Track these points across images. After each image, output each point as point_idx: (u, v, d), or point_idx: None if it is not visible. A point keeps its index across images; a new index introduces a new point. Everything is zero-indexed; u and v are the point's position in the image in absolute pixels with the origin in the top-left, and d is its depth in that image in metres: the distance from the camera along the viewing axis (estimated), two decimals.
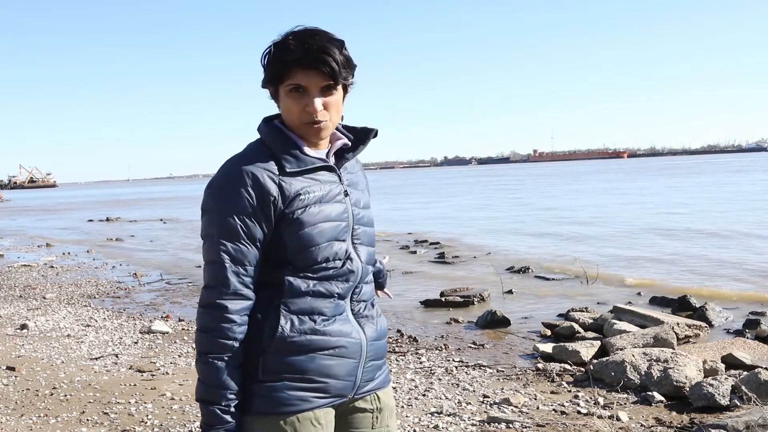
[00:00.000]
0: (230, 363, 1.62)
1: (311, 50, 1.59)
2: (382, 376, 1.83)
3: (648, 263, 11.55)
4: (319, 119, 1.64)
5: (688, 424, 4.22)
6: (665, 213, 20.60)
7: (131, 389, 5.18)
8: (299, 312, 1.65)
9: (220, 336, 1.61)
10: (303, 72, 1.61)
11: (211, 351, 1.62)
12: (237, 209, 1.59)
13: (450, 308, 8.41)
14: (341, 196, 1.72)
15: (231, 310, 1.61)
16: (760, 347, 6.01)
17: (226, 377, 1.62)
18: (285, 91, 1.64)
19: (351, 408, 1.79)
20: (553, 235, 16.17)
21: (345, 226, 1.71)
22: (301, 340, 1.64)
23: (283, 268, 1.66)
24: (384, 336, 1.83)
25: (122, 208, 42.46)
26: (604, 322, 6.91)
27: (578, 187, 42.63)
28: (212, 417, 1.62)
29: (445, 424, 4.32)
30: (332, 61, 1.60)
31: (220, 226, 1.61)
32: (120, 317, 8.28)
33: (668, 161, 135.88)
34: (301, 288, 1.65)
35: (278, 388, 1.64)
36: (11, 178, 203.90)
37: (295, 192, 1.63)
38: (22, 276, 12.30)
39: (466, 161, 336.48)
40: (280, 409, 1.64)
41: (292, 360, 1.64)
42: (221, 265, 1.61)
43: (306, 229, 1.63)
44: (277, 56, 1.62)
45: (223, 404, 1.61)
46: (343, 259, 1.69)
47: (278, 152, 1.65)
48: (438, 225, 20.06)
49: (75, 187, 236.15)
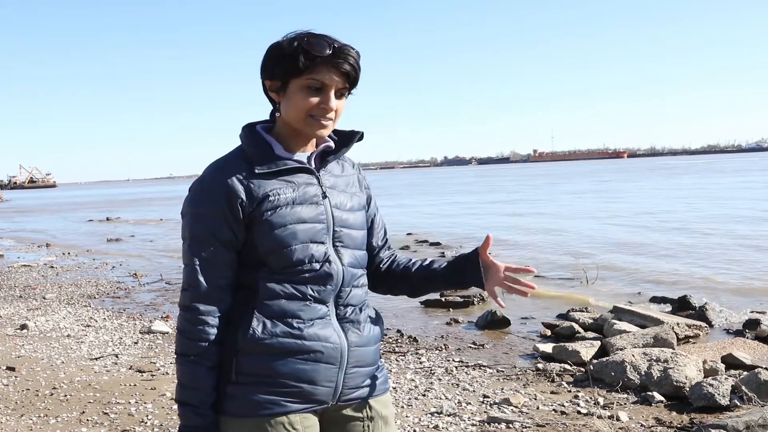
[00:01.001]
0: (204, 364, 1.64)
1: (341, 51, 1.62)
2: (373, 383, 1.77)
3: (647, 263, 11.56)
4: (329, 117, 1.65)
5: (688, 424, 4.22)
6: (665, 213, 20.60)
7: (131, 389, 5.18)
8: (272, 314, 1.64)
9: (192, 337, 1.64)
10: (328, 70, 1.62)
11: (185, 352, 1.64)
12: (207, 213, 1.63)
13: (450, 308, 8.41)
14: (318, 197, 1.69)
15: (202, 311, 1.64)
16: (760, 347, 6.01)
17: (199, 378, 1.64)
18: (300, 85, 1.63)
19: (339, 415, 1.74)
20: (553, 234, 16.17)
21: (322, 228, 1.67)
22: (272, 342, 1.62)
23: (258, 271, 1.66)
24: (374, 342, 1.77)
25: (122, 208, 42.44)
26: (604, 322, 6.91)
27: (578, 186, 42.61)
28: (186, 417, 1.64)
29: (445, 424, 4.32)
30: (356, 66, 1.64)
31: (191, 230, 1.66)
32: (120, 317, 8.28)
33: (668, 161, 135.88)
34: (275, 290, 1.64)
35: (250, 390, 1.63)
36: (11, 179, 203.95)
37: (263, 194, 1.63)
38: (22, 276, 12.30)
39: (466, 161, 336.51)
40: (251, 412, 1.63)
41: (264, 363, 1.63)
42: (193, 268, 1.65)
43: (276, 231, 1.62)
44: (307, 49, 1.60)
45: (196, 405, 1.63)
46: (321, 261, 1.66)
47: (251, 155, 1.67)
48: (438, 225, 20.06)
49: (75, 187, 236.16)
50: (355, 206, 1.78)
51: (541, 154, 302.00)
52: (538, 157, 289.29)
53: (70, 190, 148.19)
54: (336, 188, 1.74)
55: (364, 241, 1.79)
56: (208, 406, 1.64)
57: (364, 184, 1.87)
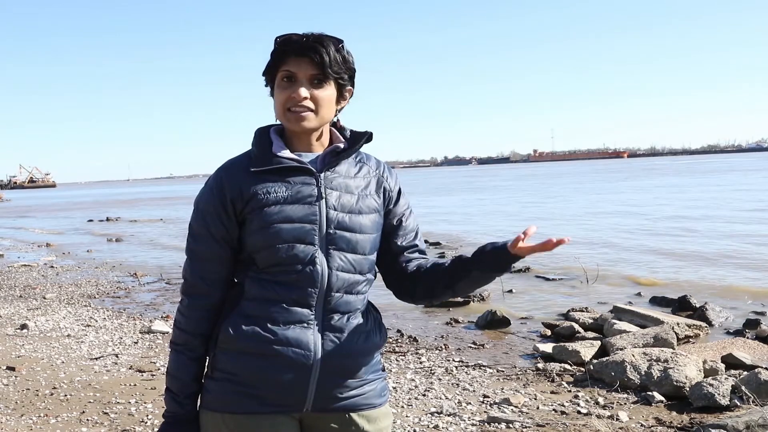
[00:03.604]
0: (186, 354, 1.71)
1: (306, 39, 1.64)
2: (359, 397, 1.70)
3: (647, 263, 11.56)
4: (303, 105, 1.64)
5: (688, 424, 4.22)
6: (664, 212, 20.60)
7: (131, 389, 5.18)
8: (249, 314, 1.65)
9: (177, 326, 1.74)
10: (295, 60, 1.64)
11: (173, 340, 1.75)
12: (205, 210, 1.69)
13: (450, 308, 8.41)
14: (312, 198, 1.65)
15: (188, 304, 1.71)
16: (760, 347, 6.01)
17: (180, 367, 1.71)
18: (278, 81, 1.67)
19: (318, 423, 1.70)
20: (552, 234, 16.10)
21: (311, 229, 1.63)
22: (240, 342, 1.64)
23: (248, 269, 1.68)
24: (361, 354, 1.69)
25: (122, 208, 42.44)
26: (604, 322, 6.91)
27: (578, 187, 42.61)
28: (166, 403, 1.74)
29: (445, 424, 4.32)
30: (324, 52, 1.63)
31: (192, 224, 1.73)
32: (120, 317, 8.28)
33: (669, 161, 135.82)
34: (257, 291, 1.65)
35: (222, 386, 1.67)
36: (11, 178, 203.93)
37: (253, 192, 1.65)
38: (22, 276, 12.30)
39: (466, 161, 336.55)
40: (221, 407, 1.67)
41: (234, 361, 1.65)
42: (187, 260, 1.74)
43: (262, 229, 1.63)
44: (276, 45, 1.67)
45: (176, 393, 1.71)
46: (305, 263, 1.62)
47: (253, 155, 1.70)
48: (438, 224, 20.05)
49: (75, 187, 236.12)
50: (363, 209, 1.71)
51: (541, 154, 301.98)
52: (539, 157, 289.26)
53: (70, 189, 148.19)
54: (340, 189, 1.69)
55: (369, 246, 1.72)
56: (187, 395, 1.71)
57: (385, 186, 1.79)
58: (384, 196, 1.78)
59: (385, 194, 1.78)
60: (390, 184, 1.80)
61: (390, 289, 1.85)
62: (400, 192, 1.82)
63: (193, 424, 1.71)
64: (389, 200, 1.79)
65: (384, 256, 1.81)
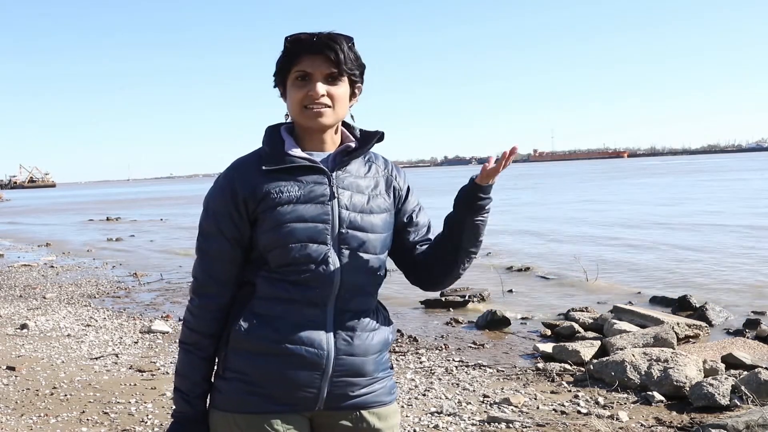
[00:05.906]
0: (196, 354, 1.70)
1: (319, 37, 1.64)
2: (370, 394, 1.71)
3: (647, 262, 11.56)
4: (320, 102, 1.64)
5: (688, 424, 4.22)
6: (663, 212, 20.60)
7: (131, 389, 5.18)
8: (261, 314, 1.64)
9: (187, 325, 1.73)
10: (309, 58, 1.64)
11: (182, 339, 1.73)
12: (215, 209, 1.68)
13: (450, 308, 8.41)
14: (325, 197, 1.65)
15: (198, 303, 1.70)
16: (760, 347, 6.01)
17: (189, 366, 1.70)
18: (291, 80, 1.66)
19: (329, 422, 1.71)
20: (552, 234, 16.17)
21: (324, 228, 1.63)
22: (253, 342, 1.63)
23: (260, 269, 1.67)
24: (372, 352, 1.70)
25: (122, 208, 42.42)
26: (604, 321, 6.91)
27: (578, 186, 42.62)
28: (176, 403, 1.72)
29: (445, 424, 4.32)
30: (338, 49, 1.63)
31: (202, 223, 1.72)
32: (120, 317, 8.28)
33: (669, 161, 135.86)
34: (270, 290, 1.65)
35: (233, 386, 1.66)
36: (11, 178, 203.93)
37: (266, 191, 1.64)
38: (22, 276, 12.30)
39: (467, 161, 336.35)
40: (233, 407, 1.66)
41: (246, 361, 1.64)
42: (198, 260, 1.72)
43: (274, 228, 1.62)
44: (287, 45, 1.66)
45: (185, 392, 1.70)
46: (318, 262, 1.62)
47: (264, 152, 1.69)
48: (438, 224, 20.02)
49: (74, 186, 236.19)
50: (374, 208, 1.71)
51: (541, 154, 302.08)
52: (539, 157, 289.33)
53: (70, 189, 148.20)
54: (351, 189, 1.69)
55: (381, 245, 1.71)
56: (197, 395, 1.70)
57: (395, 185, 1.79)
58: (394, 195, 1.78)
59: (394, 193, 1.79)
60: (399, 183, 1.81)
61: (416, 285, 1.86)
62: (409, 190, 1.83)
63: (202, 424, 1.70)
64: (399, 199, 1.80)
65: (401, 254, 1.81)
